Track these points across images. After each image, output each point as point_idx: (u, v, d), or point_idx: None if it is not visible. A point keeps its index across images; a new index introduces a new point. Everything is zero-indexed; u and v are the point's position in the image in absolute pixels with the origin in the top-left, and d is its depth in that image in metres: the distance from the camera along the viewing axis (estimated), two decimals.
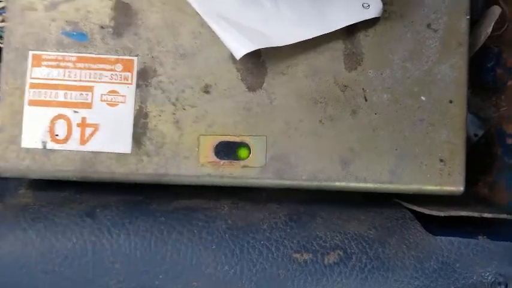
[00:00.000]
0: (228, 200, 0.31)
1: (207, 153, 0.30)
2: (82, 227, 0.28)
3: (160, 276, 0.27)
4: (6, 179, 0.31)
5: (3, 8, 0.32)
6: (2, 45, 0.32)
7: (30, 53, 0.30)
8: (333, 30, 0.29)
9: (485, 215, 0.29)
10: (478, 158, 0.34)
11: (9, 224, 0.28)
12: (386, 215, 0.30)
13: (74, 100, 0.30)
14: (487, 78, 0.35)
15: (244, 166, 0.30)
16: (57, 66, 0.30)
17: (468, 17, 0.31)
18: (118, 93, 0.30)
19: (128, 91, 0.30)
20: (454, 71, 0.30)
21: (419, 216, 0.30)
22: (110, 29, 0.30)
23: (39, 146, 0.29)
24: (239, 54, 0.28)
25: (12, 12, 0.30)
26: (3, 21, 0.33)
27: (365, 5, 0.29)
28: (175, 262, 0.27)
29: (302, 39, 0.29)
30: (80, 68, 0.30)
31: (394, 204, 0.32)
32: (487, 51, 0.35)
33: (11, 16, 0.30)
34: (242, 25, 0.29)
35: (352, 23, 0.29)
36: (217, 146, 0.30)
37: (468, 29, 0.31)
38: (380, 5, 0.30)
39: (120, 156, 0.30)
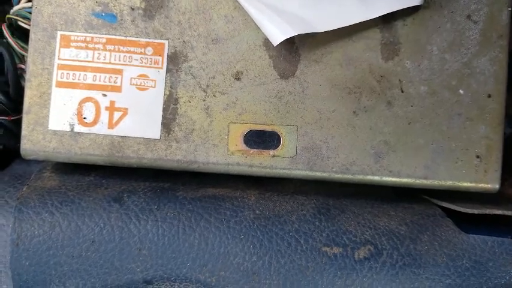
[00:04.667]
0: (254, 190, 0.30)
1: (237, 141, 0.29)
2: (109, 212, 0.27)
3: (188, 264, 0.27)
4: (29, 161, 0.31)
5: None
6: (27, 26, 0.32)
7: (59, 33, 0.29)
8: (375, 16, 0.28)
9: None
10: (505, 157, 0.33)
11: (35, 207, 0.27)
12: (417, 211, 0.30)
13: (102, 83, 0.29)
14: None
15: (274, 156, 0.29)
16: (86, 48, 0.29)
17: (510, 8, 0.29)
18: (148, 77, 0.29)
19: (158, 75, 0.29)
20: (493, 65, 0.29)
21: (447, 214, 0.29)
22: (141, 11, 0.29)
23: (67, 128, 0.29)
24: (278, 39, 0.27)
25: None
26: (29, 0, 0.32)
27: None
28: (203, 250, 0.27)
29: (343, 25, 0.28)
30: (109, 50, 0.29)
31: (423, 201, 0.31)
32: None
33: None
34: (281, 9, 0.28)
35: (395, 9, 0.28)
36: (247, 134, 0.29)
37: (509, 21, 0.30)
38: None
39: (148, 141, 0.29)
